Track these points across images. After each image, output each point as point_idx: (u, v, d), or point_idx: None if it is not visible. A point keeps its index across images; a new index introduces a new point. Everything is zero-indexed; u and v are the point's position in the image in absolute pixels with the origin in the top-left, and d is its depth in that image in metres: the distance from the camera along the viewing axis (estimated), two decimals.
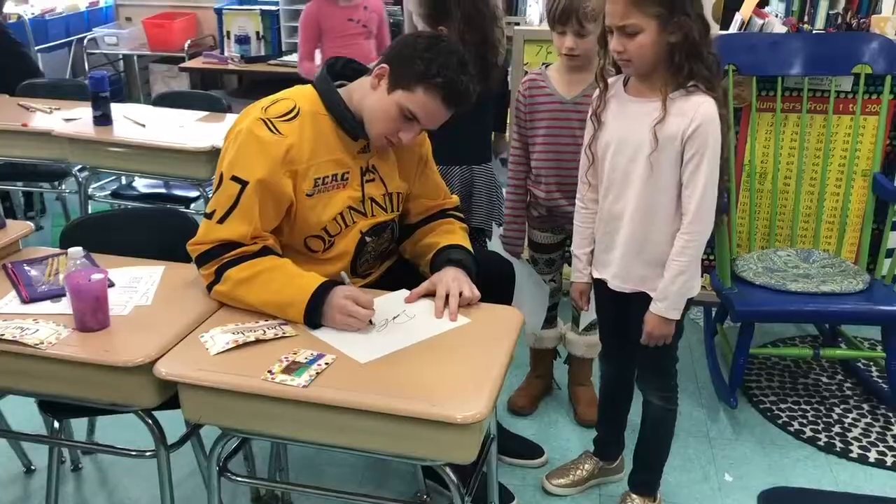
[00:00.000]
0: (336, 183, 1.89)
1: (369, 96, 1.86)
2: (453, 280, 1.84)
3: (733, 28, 3.22)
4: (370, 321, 1.73)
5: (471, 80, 1.82)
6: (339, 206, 1.90)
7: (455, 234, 2.04)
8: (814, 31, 3.28)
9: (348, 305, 1.72)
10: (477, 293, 1.84)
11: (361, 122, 1.88)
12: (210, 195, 1.87)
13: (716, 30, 3.20)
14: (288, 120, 1.83)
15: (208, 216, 1.81)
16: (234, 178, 1.78)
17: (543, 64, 2.21)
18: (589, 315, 2.36)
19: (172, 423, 1.75)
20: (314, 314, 1.73)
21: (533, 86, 2.31)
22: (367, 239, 1.97)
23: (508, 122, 2.96)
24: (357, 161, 1.93)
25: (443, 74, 1.78)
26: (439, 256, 1.95)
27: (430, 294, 1.84)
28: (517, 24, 4.02)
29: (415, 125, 1.85)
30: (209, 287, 1.81)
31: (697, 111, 1.76)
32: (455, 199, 2.19)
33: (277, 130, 1.81)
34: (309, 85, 1.94)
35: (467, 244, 2.01)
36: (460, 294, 1.81)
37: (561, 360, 2.72)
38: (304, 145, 1.83)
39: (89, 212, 3.25)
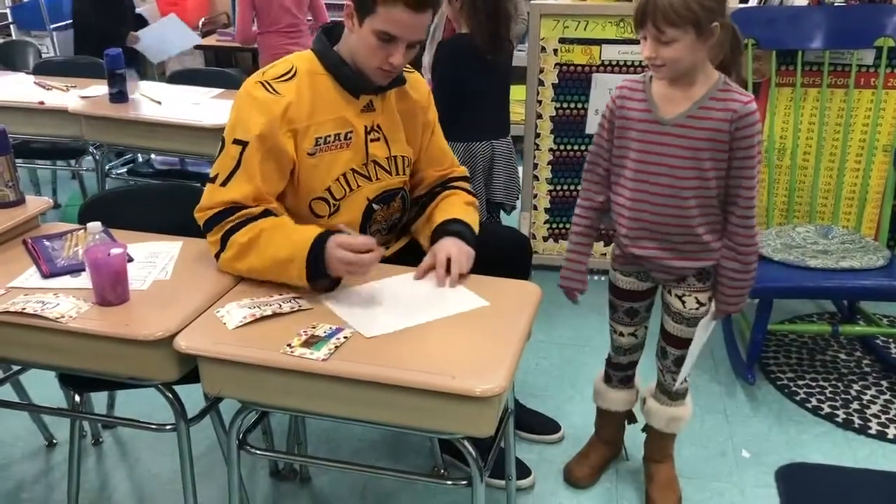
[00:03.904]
0: (339, 143, 1.89)
1: (351, 40, 1.86)
2: (453, 246, 1.83)
3: (753, 1, 3.18)
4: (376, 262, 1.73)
5: None
6: (342, 167, 1.90)
7: (455, 206, 2.02)
8: (835, 4, 3.22)
9: (345, 256, 1.70)
10: (466, 265, 1.82)
11: (360, 74, 1.88)
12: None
13: (735, 3, 3.16)
14: (285, 80, 1.85)
15: (212, 180, 1.83)
16: (236, 141, 1.81)
17: (647, 71, 1.84)
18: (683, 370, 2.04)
19: (192, 396, 1.77)
20: (317, 267, 1.72)
21: (626, 94, 1.87)
22: (375, 207, 1.96)
23: None
24: (361, 120, 1.92)
25: None
26: (437, 231, 1.94)
27: (432, 268, 1.83)
28: None
29: (398, 44, 1.81)
30: (217, 256, 1.81)
31: None
32: (462, 168, 2.17)
33: (275, 90, 1.82)
34: (308, 50, 1.94)
35: (466, 216, 1.98)
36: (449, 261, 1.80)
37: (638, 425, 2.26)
38: (303, 103, 1.84)
39: (106, 189, 3.27)
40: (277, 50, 4.02)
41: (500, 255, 1.92)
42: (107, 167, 3.39)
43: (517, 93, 3.30)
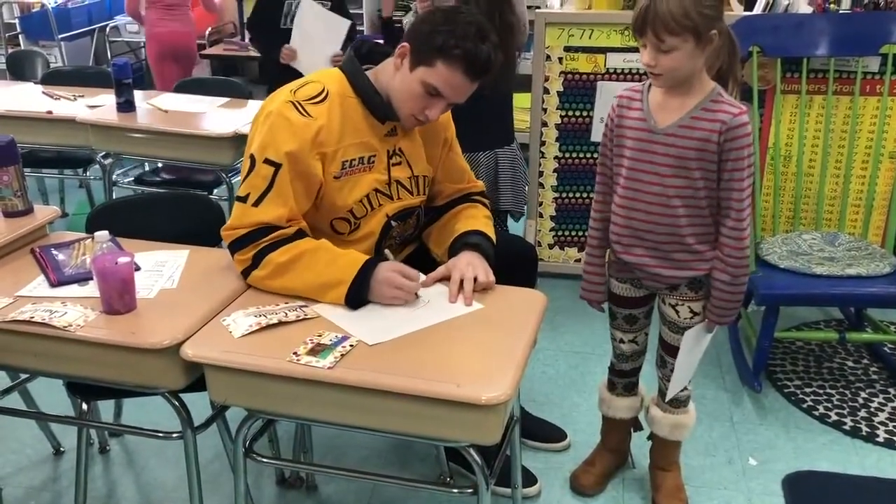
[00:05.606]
0: (363, 166, 1.89)
1: (394, 77, 1.85)
2: (467, 265, 1.83)
3: (758, 9, 3.18)
4: (416, 294, 1.75)
5: (492, 49, 1.78)
6: (365, 188, 1.89)
7: (476, 220, 2.03)
8: (840, 11, 3.23)
9: (395, 278, 1.74)
10: (492, 278, 1.83)
11: (389, 103, 1.88)
12: (239, 179, 1.86)
13: (740, 10, 3.17)
14: (317, 103, 1.83)
15: (241, 199, 1.80)
16: (268, 161, 1.78)
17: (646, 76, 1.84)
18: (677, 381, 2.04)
19: (198, 405, 1.77)
20: (359, 291, 1.73)
21: (624, 104, 1.90)
22: (394, 223, 1.97)
23: None
24: (384, 144, 1.92)
25: (461, 46, 1.75)
26: (457, 242, 1.95)
27: (446, 279, 1.83)
28: (538, 7, 3.99)
29: (441, 101, 1.83)
30: (245, 273, 1.80)
31: None
32: (480, 183, 2.17)
33: (307, 113, 1.80)
34: (336, 68, 1.93)
35: (487, 229, 2.00)
36: (475, 279, 1.80)
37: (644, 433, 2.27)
38: (334, 128, 1.83)
39: (113, 198, 3.28)
40: (156, 25, 4.55)
41: (506, 262, 1.92)
42: (114, 176, 3.41)
43: (522, 101, 3.31)
